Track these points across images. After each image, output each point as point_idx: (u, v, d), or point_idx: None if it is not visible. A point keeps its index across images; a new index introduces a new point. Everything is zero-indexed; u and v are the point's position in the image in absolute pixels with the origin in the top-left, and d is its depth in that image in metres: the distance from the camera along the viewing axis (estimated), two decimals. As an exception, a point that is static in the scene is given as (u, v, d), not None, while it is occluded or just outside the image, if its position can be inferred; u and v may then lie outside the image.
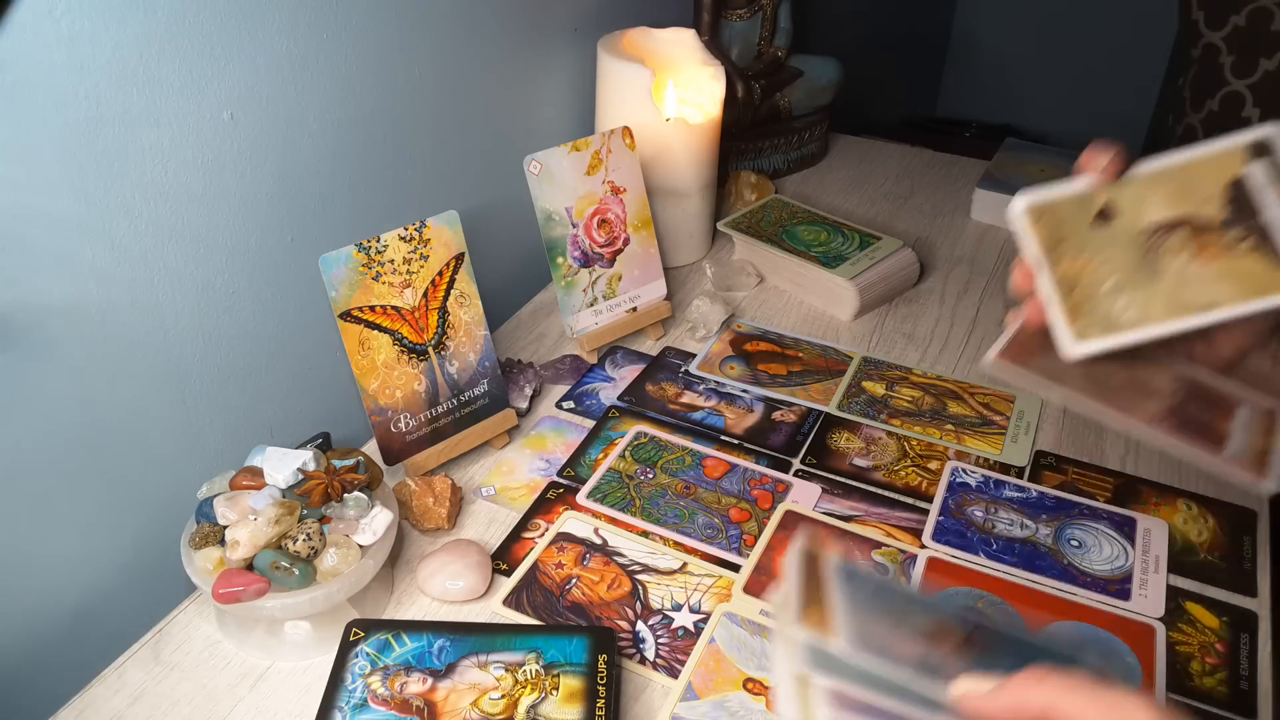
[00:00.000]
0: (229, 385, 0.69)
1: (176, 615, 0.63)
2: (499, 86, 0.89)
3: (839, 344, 0.91)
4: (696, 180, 0.97)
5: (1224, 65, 1.43)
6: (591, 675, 0.56)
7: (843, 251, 0.97)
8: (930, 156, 1.29)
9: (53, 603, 0.62)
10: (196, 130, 0.61)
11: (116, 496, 0.63)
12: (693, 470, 0.75)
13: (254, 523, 0.57)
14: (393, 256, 0.70)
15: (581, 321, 0.86)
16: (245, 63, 0.63)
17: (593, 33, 0.98)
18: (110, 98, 0.55)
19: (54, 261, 0.56)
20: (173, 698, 0.58)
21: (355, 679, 0.56)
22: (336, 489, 0.61)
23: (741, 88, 1.09)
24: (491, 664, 0.56)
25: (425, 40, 0.78)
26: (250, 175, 0.66)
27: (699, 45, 0.97)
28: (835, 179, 1.23)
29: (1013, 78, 2.45)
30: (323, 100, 0.70)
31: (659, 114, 0.92)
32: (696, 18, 1.11)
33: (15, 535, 0.58)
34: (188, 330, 0.65)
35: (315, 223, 0.72)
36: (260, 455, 0.62)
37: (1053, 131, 2.19)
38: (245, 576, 0.56)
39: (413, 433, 0.72)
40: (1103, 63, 2.31)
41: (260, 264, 0.69)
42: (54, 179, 0.54)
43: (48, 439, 0.58)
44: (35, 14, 0.50)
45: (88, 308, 0.58)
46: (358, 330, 0.69)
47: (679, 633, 0.62)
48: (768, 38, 1.16)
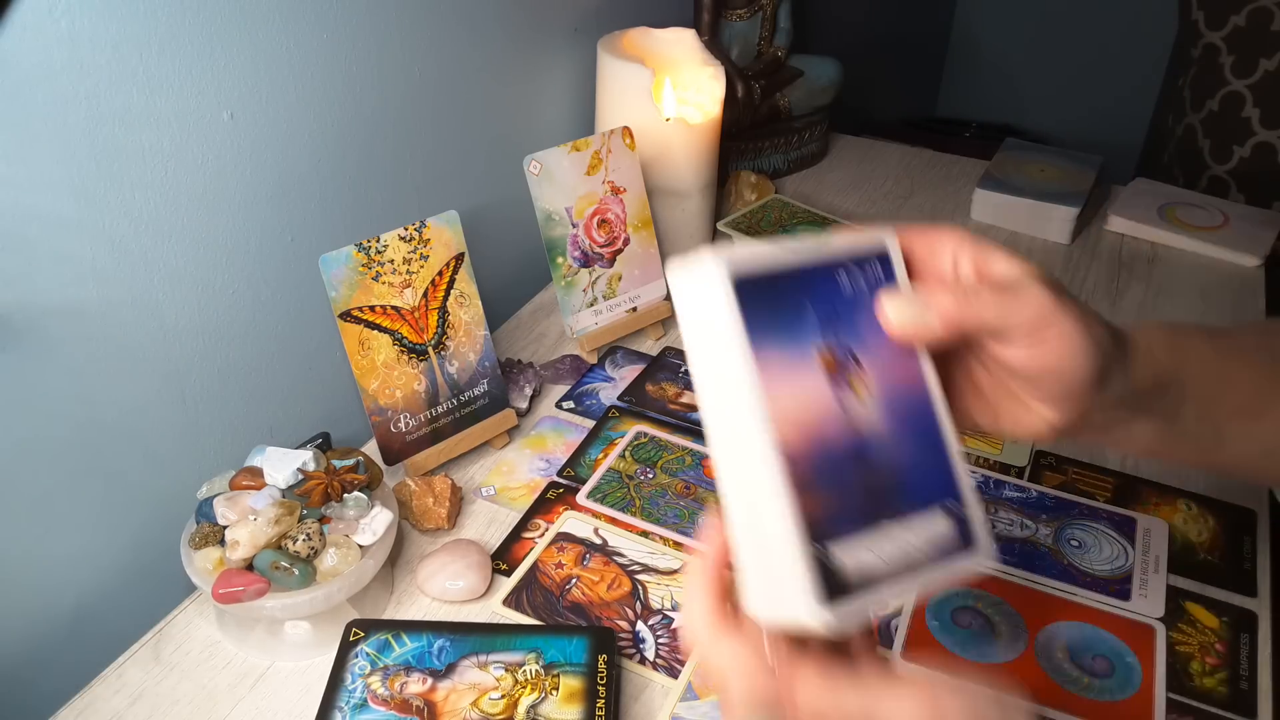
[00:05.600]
0: (229, 385, 0.69)
1: (176, 615, 0.63)
2: (499, 86, 0.89)
3: (839, 344, 0.91)
4: (696, 180, 0.97)
5: (1224, 65, 1.43)
6: (591, 675, 0.56)
7: (843, 251, 0.97)
8: (930, 156, 1.29)
9: (53, 603, 0.62)
10: (196, 130, 0.61)
11: (116, 496, 0.63)
12: (693, 470, 0.75)
13: (254, 523, 0.57)
14: (393, 256, 0.70)
15: (581, 321, 0.86)
16: (245, 63, 0.63)
17: (593, 33, 0.98)
18: (110, 98, 0.55)
19: (54, 261, 0.56)
20: (173, 698, 0.58)
21: (355, 679, 0.56)
22: (336, 489, 0.61)
23: (741, 88, 1.09)
24: (491, 664, 0.56)
25: (425, 40, 0.78)
26: (250, 175, 0.66)
27: (699, 45, 0.97)
28: (835, 179, 1.23)
29: (1013, 78, 2.45)
30: (323, 100, 0.70)
31: (659, 114, 0.92)
32: (696, 18, 1.11)
33: (15, 535, 0.58)
34: (188, 330, 0.65)
35: (315, 223, 0.72)
36: (260, 455, 0.62)
37: (1053, 131, 2.19)
38: (245, 576, 0.56)
39: (413, 433, 0.72)
40: (1102, 63, 2.32)
41: (260, 264, 0.69)
42: (54, 179, 0.54)
43: (48, 439, 0.58)
44: (35, 14, 0.50)
45: (88, 308, 0.58)
46: (358, 330, 0.69)
47: (679, 633, 0.62)
48: (768, 38, 1.16)
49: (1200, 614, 0.64)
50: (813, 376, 0.38)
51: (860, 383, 0.40)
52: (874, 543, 0.38)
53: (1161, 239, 1.08)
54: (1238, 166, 1.44)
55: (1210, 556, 0.69)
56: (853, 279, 0.40)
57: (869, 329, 0.40)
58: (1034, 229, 1.09)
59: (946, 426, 0.41)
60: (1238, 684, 0.59)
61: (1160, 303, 0.98)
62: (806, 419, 0.38)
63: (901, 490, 0.40)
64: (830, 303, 0.39)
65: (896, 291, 0.41)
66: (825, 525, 0.37)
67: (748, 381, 0.37)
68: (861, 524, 0.38)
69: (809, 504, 0.37)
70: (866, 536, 0.38)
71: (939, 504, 0.41)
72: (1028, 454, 0.77)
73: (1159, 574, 0.67)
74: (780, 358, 0.38)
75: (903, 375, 0.41)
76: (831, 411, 0.39)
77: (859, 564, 0.38)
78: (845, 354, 0.39)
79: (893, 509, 0.39)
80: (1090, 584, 0.66)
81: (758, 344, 0.37)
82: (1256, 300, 0.99)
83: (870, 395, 0.40)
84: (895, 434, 0.40)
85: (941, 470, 0.41)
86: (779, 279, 0.38)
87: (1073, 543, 0.69)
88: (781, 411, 0.37)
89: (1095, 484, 0.75)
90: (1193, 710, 0.58)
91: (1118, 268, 1.04)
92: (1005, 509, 0.72)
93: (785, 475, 0.37)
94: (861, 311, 0.40)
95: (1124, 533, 0.70)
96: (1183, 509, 0.72)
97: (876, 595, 0.38)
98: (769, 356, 0.38)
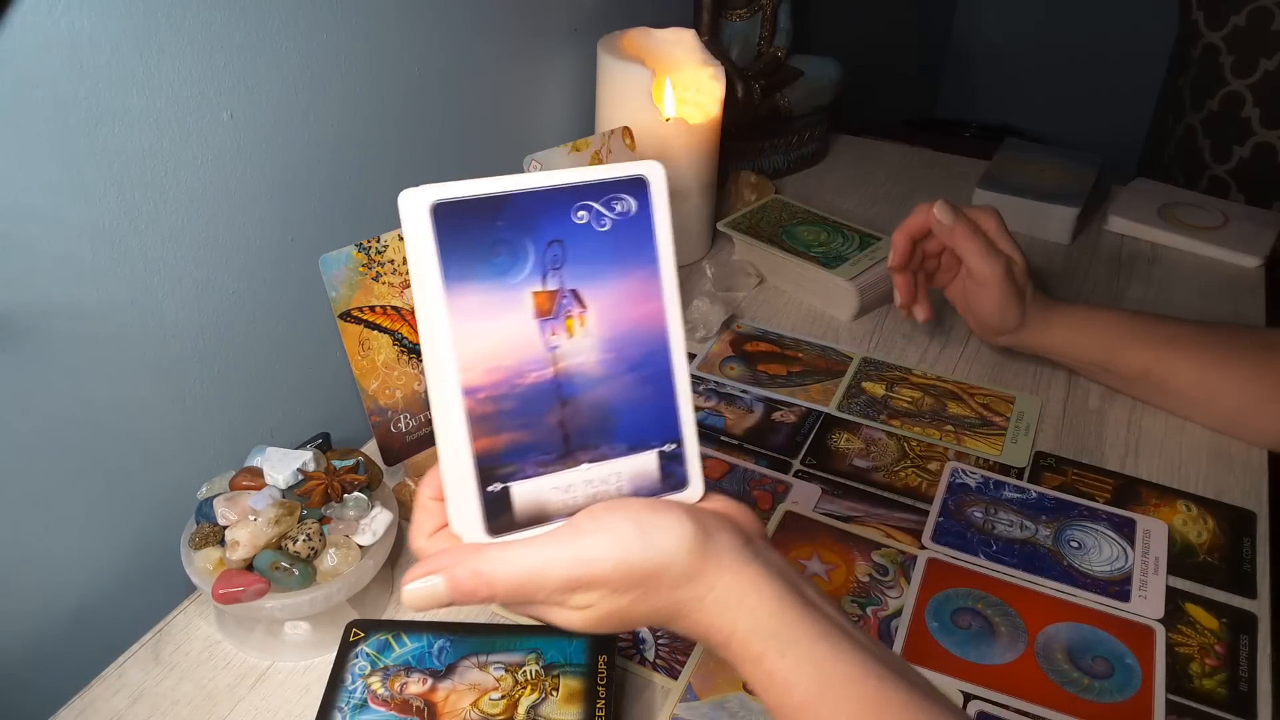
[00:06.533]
0: (229, 385, 0.69)
1: (176, 615, 0.63)
2: (499, 86, 0.89)
3: (839, 344, 0.91)
4: (696, 180, 0.97)
5: (1224, 65, 1.43)
6: (591, 676, 0.56)
7: (843, 252, 0.97)
8: (930, 156, 1.29)
9: (53, 603, 0.62)
10: (196, 130, 0.61)
11: (116, 496, 0.63)
12: (692, 471, 0.75)
13: (254, 523, 0.57)
14: (393, 256, 0.70)
15: (581, 321, 0.86)
16: (245, 63, 0.63)
17: (593, 33, 0.98)
18: (110, 98, 0.55)
19: (54, 261, 0.55)
20: (173, 698, 0.58)
21: (355, 679, 0.56)
22: (336, 489, 0.61)
23: (741, 88, 1.09)
24: (491, 664, 0.56)
25: (425, 40, 0.78)
26: (250, 175, 0.66)
27: (699, 45, 0.97)
28: (835, 179, 1.23)
29: (1013, 78, 2.45)
30: (323, 100, 0.70)
31: (659, 114, 0.92)
32: (696, 18, 1.11)
33: (15, 535, 0.58)
34: (188, 330, 0.65)
35: (315, 223, 0.72)
36: (260, 455, 0.62)
37: (1053, 131, 2.19)
38: (245, 577, 0.56)
39: (413, 433, 0.72)
40: (1103, 62, 2.31)
41: (260, 264, 0.69)
42: (54, 179, 0.54)
43: (47, 439, 0.58)
44: (35, 14, 0.50)
45: (88, 308, 0.58)
46: (358, 330, 0.69)
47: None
48: (768, 38, 1.16)
49: (1200, 615, 0.64)
50: (516, 315, 0.38)
51: (577, 322, 0.39)
52: (563, 479, 0.39)
53: (1161, 239, 1.08)
54: (1238, 166, 1.44)
55: (1210, 558, 0.69)
56: (592, 213, 0.39)
57: (605, 265, 0.39)
58: (1034, 229, 1.09)
59: (679, 368, 0.41)
60: (1237, 685, 0.59)
61: (1160, 303, 0.98)
62: (499, 359, 0.38)
63: (608, 431, 0.40)
64: (560, 237, 0.38)
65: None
66: (507, 462, 0.38)
67: (439, 320, 0.37)
68: (553, 462, 0.39)
69: (491, 443, 0.38)
70: (556, 474, 0.39)
71: (654, 445, 0.41)
72: (1028, 455, 0.77)
73: (1158, 575, 0.67)
74: (482, 296, 0.38)
75: (636, 316, 0.40)
76: (532, 352, 0.38)
77: (536, 501, 0.39)
78: (564, 292, 0.39)
79: (593, 449, 0.40)
80: (1090, 585, 0.66)
81: (458, 282, 0.37)
82: (1256, 300, 0.99)
83: (587, 335, 0.39)
84: (613, 375, 0.40)
85: (664, 412, 0.41)
86: (499, 213, 0.38)
87: (1072, 544, 0.69)
88: (471, 351, 0.37)
89: (1095, 485, 0.75)
90: (1192, 712, 0.58)
91: (1118, 268, 1.04)
92: (1005, 510, 0.72)
93: (466, 414, 0.37)
94: (597, 246, 0.39)
95: (1123, 534, 0.70)
96: (1182, 510, 0.72)
97: (550, 527, 0.40)
98: (468, 295, 0.37)
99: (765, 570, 0.41)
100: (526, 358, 0.38)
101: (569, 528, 0.40)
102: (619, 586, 0.40)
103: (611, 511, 0.40)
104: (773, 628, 0.40)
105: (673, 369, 0.41)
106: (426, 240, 0.37)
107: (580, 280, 0.39)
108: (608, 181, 0.39)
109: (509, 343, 0.38)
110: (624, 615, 0.41)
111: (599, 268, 0.39)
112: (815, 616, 0.41)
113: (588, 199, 0.39)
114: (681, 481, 0.42)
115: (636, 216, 0.40)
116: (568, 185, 0.39)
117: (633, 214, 0.39)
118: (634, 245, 0.40)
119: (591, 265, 0.39)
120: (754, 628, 0.41)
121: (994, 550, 0.69)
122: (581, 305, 0.39)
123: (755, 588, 0.41)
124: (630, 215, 0.39)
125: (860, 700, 0.39)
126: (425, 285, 0.37)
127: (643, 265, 0.40)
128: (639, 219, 0.40)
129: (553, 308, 0.39)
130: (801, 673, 0.40)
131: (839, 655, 0.40)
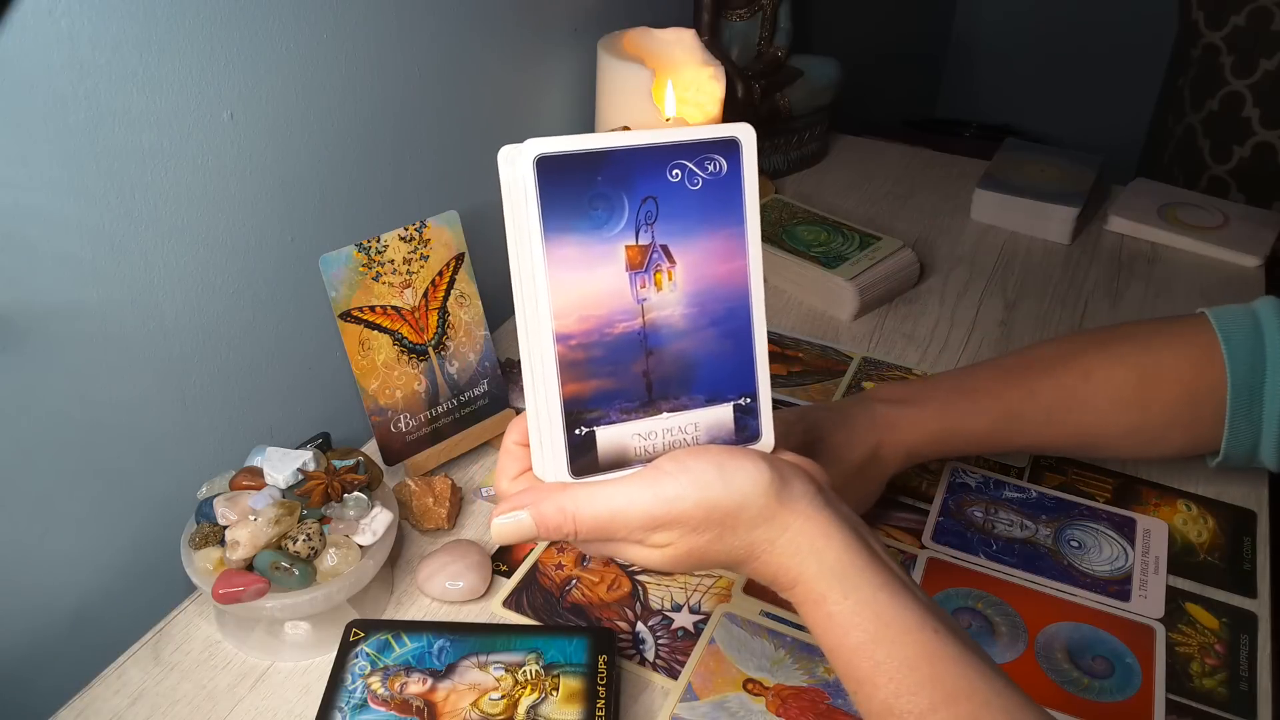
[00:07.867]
0: (229, 385, 0.69)
1: (176, 615, 0.63)
2: (499, 86, 0.89)
3: (839, 344, 0.91)
4: (696, 180, 0.97)
5: (1224, 65, 1.43)
6: (591, 676, 0.56)
7: (843, 252, 0.97)
8: (930, 156, 1.29)
9: (53, 603, 0.62)
10: (196, 130, 0.61)
11: (116, 496, 0.63)
12: (692, 470, 0.75)
13: (254, 523, 0.57)
14: (393, 256, 0.70)
15: (581, 321, 0.86)
16: (245, 63, 0.63)
17: (593, 33, 0.98)
18: (110, 98, 0.55)
19: (54, 261, 0.55)
20: (173, 698, 0.58)
21: (355, 679, 0.56)
22: (336, 489, 0.61)
23: (741, 88, 1.09)
24: (491, 664, 0.56)
25: (425, 40, 0.78)
26: (250, 175, 0.66)
27: (699, 45, 0.97)
28: (835, 179, 1.23)
29: (1013, 78, 2.45)
30: (323, 100, 0.70)
31: (659, 114, 0.92)
32: (696, 18, 1.11)
33: (15, 535, 0.58)
34: (187, 330, 0.65)
35: (315, 223, 0.72)
36: (260, 455, 0.62)
37: (1053, 131, 2.19)
38: (245, 577, 0.56)
39: (413, 433, 0.72)
40: (1103, 63, 2.31)
41: (260, 264, 0.69)
42: (54, 179, 0.54)
43: (47, 439, 0.58)
44: (35, 14, 0.50)
45: (88, 308, 0.58)
46: (358, 330, 0.69)
47: (679, 633, 0.62)
48: (768, 38, 1.16)
49: (1200, 615, 0.64)
50: (609, 267, 0.40)
51: (665, 276, 0.41)
52: (644, 426, 0.41)
53: (1161, 239, 1.08)
54: (1238, 166, 1.44)
55: (1210, 557, 0.69)
56: (686, 171, 0.40)
57: (694, 222, 0.41)
58: (1034, 229, 1.09)
59: (758, 326, 0.43)
60: (1237, 685, 0.59)
61: (1160, 303, 0.98)
62: (591, 309, 0.40)
63: (689, 382, 0.42)
64: (654, 193, 0.40)
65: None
66: (593, 407, 0.40)
67: (538, 269, 0.39)
68: (636, 409, 0.41)
69: (579, 389, 0.40)
70: (638, 421, 0.41)
71: (731, 398, 0.43)
72: (1027, 454, 0.77)
73: (1159, 575, 0.67)
74: (578, 247, 0.39)
75: (721, 273, 0.41)
76: (622, 303, 0.40)
77: (618, 446, 0.41)
78: (655, 247, 0.40)
79: (674, 398, 0.42)
80: (1090, 585, 0.66)
81: (557, 233, 0.39)
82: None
83: (674, 290, 0.41)
84: (696, 329, 0.41)
85: (742, 366, 0.43)
86: (599, 168, 0.39)
87: (1072, 543, 0.69)
88: (565, 300, 0.39)
89: (1095, 485, 0.75)
90: (1192, 711, 0.58)
91: (1118, 268, 1.04)
92: (1005, 509, 0.72)
93: (557, 360, 0.39)
94: (688, 204, 0.40)
95: (1124, 533, 0.70)
96: (1182, 510, 0.72)
97: (629, 471, 0.42)
98: (565, 245, 0.39)
99: (835, 517, 0.44)
100: (616, 308, 0.40)
101: (651, 469, 0.42)
102: (698, 525, 0.42)
103: (693, 456, 0.42)
104: (838, 572, 0.42)
105: (753, 326, 0.42)
106: (529, 192, 0.38)
107: (670, 236, 0.40)
108: (703, 141, 0.40)
109: (601, 293, 0.40)
110: (701, 554, 0.43)
111: (688, 225, 0.41)
112: (879, 567, 0.43)
113: (682, 158, 0.40)
114: (755, 434, 0.44)
115: (727, 177, 0.41)
116: (665, 144, 0.40)
117: (723, 174, 0.41)
118: (722, 204, 0.41)
119: (682, 222, 0.40)
120: (820, 571, 0.43)
121: (994, 550, 0.69)
122: (670, 260, 0.41)
123: (825, 533, 0.43)
124: (721, 175, 0.41)
125: (915, 649, 0.41)
126: (525, 235, 0.39)
127: (730, 224, 0.41)
128: (729, 179, 0.41)
129: (644, 261, 0.40)
130: (860, 617, 0.42)
131: (898, 605, 0.42)
